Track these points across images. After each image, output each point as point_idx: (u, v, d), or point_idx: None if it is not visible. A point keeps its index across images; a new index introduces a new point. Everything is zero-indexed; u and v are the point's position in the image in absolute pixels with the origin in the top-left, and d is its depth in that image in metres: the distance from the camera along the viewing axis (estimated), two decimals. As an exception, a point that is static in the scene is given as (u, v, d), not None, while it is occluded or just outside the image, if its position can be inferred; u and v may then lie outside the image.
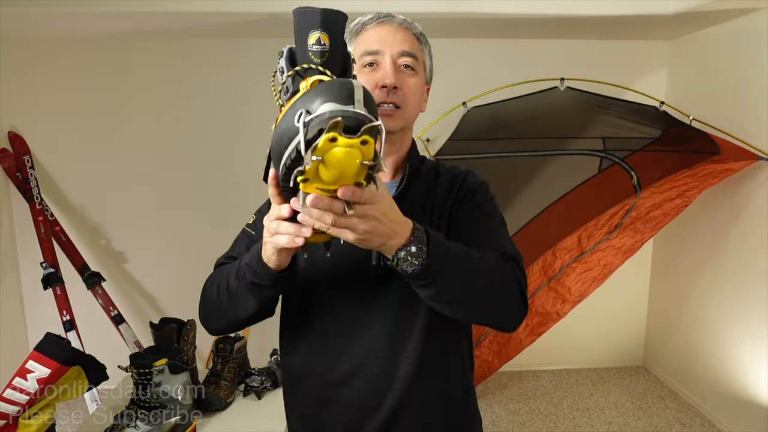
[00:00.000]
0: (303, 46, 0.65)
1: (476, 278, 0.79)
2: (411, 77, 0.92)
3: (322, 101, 0.56)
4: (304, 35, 0.64)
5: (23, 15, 2.25)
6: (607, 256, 2.58)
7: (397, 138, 0.94)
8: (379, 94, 0.89)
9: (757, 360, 2.41)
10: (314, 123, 0.54)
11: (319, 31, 0.63)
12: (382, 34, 0.91)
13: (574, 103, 2.59)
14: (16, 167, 2.75)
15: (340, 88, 0.56)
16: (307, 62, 0.64)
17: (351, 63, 0.70)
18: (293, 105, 0.58)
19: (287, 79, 0.66)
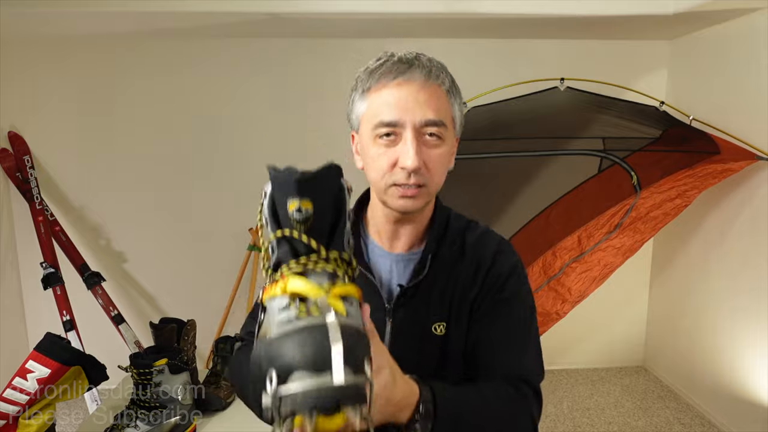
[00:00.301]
0: (283, 206, 0.57)
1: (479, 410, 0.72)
2: (436, 148, 0.78)
3: (294, 366, 0.46)
4: (282, 199, 0.57)
5: (23, 15, 2.25)
6: (607, 256, 2.58)
7: (417, 213, 0.83)
8: (399, 174, 0.76)
9: (757, 360, 2.41)
10: (286, 403, 0.46)
11: (297, 199, 0.55)
12: (401, 98, 0.75)
13: (574, 103, 2.59)
14: (16, 167, 2.75)
15: (314, 351, 0.46)
16: (289, 227, 0.57)
17: (345, 198, 0.61)
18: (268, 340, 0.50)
19: (272, 241, 0.58)
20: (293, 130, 2.99)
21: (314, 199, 0.56)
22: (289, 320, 0.50)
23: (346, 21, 2.50)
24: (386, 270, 0.86)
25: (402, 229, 0.86)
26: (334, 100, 2.96)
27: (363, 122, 0.80)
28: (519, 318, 0.83)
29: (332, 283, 0.54)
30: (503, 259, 0.84)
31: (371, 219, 0.89)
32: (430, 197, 0.82)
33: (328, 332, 0.47)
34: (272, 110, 2.97)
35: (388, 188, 0.78)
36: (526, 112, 2.61)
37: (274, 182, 0.59)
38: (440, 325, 0.82)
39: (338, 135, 2.99)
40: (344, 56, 2.88)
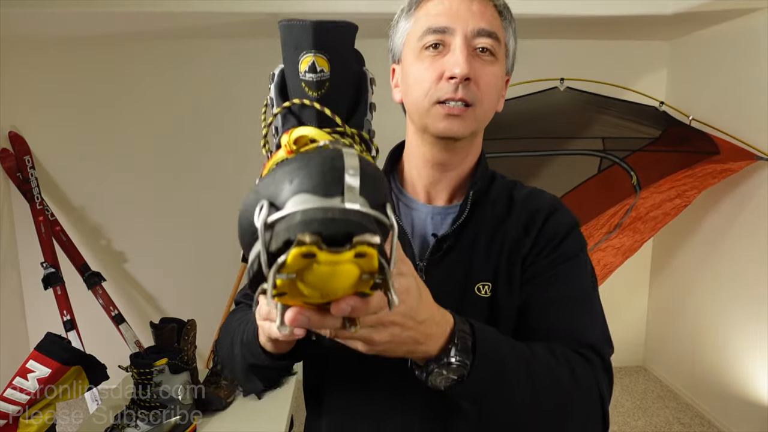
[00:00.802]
0: (294, 72, 0.47)
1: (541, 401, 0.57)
2: (489, 65, 0.68)
3: (293, 190, 0.36)
4: (294, 58, 0.47)
5: (23, 15, 2.26)
6: (607, 256, 2.59)
7: (462, 147, 0.72)
8: (445, 87, 0.66)
9: (757, 360, 2.41)
10: (279, 229, 0.35)
11: (312, 53, 0.46)
12: (452, 6, 0.67)
13: (574, 103, 2.59)
14: (16, 167, 2.75)
15: (322, 169, 0.36)
16: (299, 95, 0.47)
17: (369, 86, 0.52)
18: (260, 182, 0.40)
19: (276, 116, 0.50)
20: (293, 130, 2.99)
21: (332, 58, 0.47)
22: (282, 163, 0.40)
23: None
24: (421, 223, 0.74)
25: (442, 177, 0.74)
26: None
27: (408, 41, 0.71)
28: (579, 281, 0.72)
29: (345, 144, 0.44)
30: (559, 217, 0.72)
31: (407, 169, 0.77)
32: (478, 124, 0.70)
33: (342, 157, 0.37)
34: (272, 110, 2.97)
35: (432, 107, 0.68)
36: (526, 112, 2.61)
37: (287, 29, 0.49)
38: (485, 285, 0.69)
39: (338, 135, 3.01)
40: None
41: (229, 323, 0.77)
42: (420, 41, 0.68)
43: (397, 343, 0.49)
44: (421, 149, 0.74)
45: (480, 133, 0.75)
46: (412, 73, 0.70)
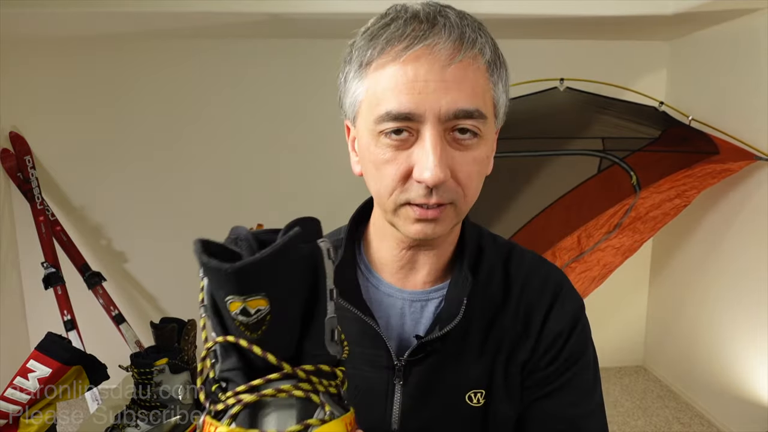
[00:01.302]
0: (225, 309, 0.38)
1: None
2: (471, 151, 0.54)
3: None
4: (221, 296, 0.38)
5: (23, 15, 2.26)
6: (607, 256, 2.59)
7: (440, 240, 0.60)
8: (415, 188, 0.53)
9: (756, 359, 2.42)
10: None
11: (240, 299, 0.37)
12: (417, 78, 0.50)
13: (574, 103, 2.60)
14: (17, 167, 2.76)
15: None
16: (234, 334, 0.39)
17: (325, 270, 0.41)
18: None
19: (211, 349, 0.43)
20: (294, 131, 2.99)
21: (270, 293, 0.37)
22: None
23: (345, 21, 2.51)
24: (396, 313, 0.62)
25: (419, 259, 0.62)
26: (334, 99, 2.97)
27: (361, 111, 0.56)
28: (583, 386, 0.65)
29: (305, 425, 0.37)
30: (565, 305, 0.63)
31: (374, 243, 0.64)
32: (458, 219, 0.57)
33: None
34: (272, 111, 2.97)
35: (399, 208, 0.55)
36: (525, 112, 2.61)
37: (206, 271, 0.40)
38: (478, 393, 0.59)
39: (338, 136, 3.00)
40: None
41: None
42: (377, 125, 0.52)
43: None
44: (392, 230, 0.60)
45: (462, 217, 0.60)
46: (370, 161, 0.55)
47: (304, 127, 3.01)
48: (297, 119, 2.98)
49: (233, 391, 0.38)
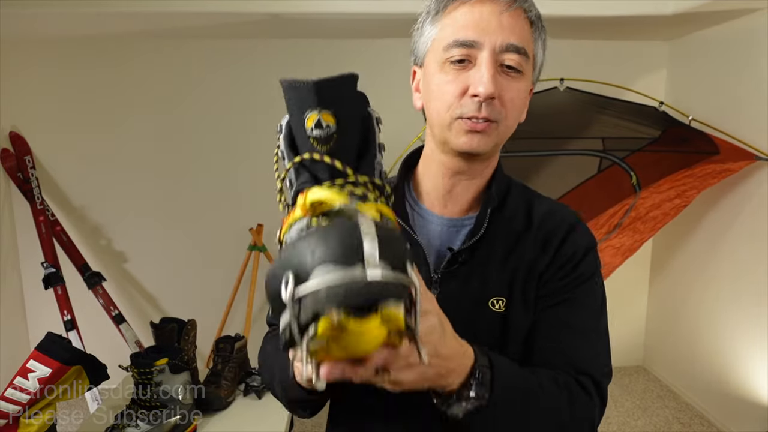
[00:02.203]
0: (300, 128, 0.48)
1: (541, 428, 0.62)
2: (515, 81, 0.66)
3: (315, 262, 0.38)
4: (300, 115, 0.48)
5: (23, 15, 2.26)
6: (607, 256, 2.59)
7: (482, 159, 0.71)
8: (469, 104, 0.65)
9: (756, 360, 2.42)
10: (307, 303, 0.37)
11: (317, 110, 0.46)
12: (482, 17, 0.64)
13: (574, 103, 2.59)
14: (17, 167, 2.76)
15: (341, 242, 0.38)
16: (308, 150, 0.48)
17: (375, 128, 0.52)
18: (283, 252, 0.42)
19: (289, 170, 0.52)
20: (293, 130, 2.99)
21: (337, 112, 0.47)
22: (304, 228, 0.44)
23: (346, 21, 2.51)
24: (435, 235, 0.74)
25: (458, 186, 0.73)
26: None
27: (432, 49, 0.68)
28: (590, 305, 0.72)
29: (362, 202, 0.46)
30: (579, 235, 0.73)
31: (422, 178, 0.77)
32: (500, 139, 0.69)
33: (358, 226, 0.39)
34: (272, 111, 2.97)
35: (453, 122, 0.66)
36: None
37: (290, 92, 0.49)
38: (500, 300, 0.69)
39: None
40: (344, 56, 2.88)
41: (266, 352, 0.79)
42: (446, 53, 0.66)
43: (422, 380, 0.50)
44: (440, 157, 0.73)
45: (503, 142, 0.73)
46: (434, 84, 0.68)
47: (304, 127, 3.01)
48: (297, 119, 2.98)
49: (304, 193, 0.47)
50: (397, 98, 2.90)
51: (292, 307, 0.37)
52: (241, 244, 2.92)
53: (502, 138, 0.70)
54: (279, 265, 0.40)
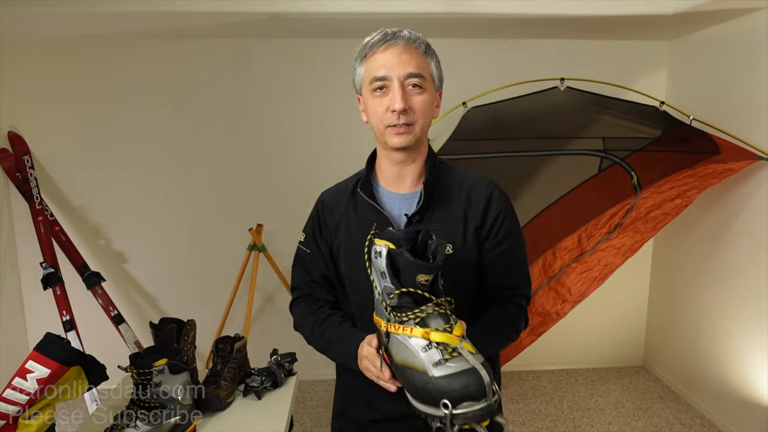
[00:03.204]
0: (411, 274, 0.78)
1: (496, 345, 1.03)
2: (419, 95, 0.99)
3: (462, 397, 0.70)
4: (410, 271, 0.78)
5: (23, 15, 2.25)
6: (608, 256, 2.58)
7: (412, 150, 1.04)
8: (390, 117, 0.98)
9: (757, 360, 2.41)
10: (459, 417, 0.70)
11: (426, 274, 0.77)
12: (388, 59, 0.97)
13: (574, 103, 2.59)
14: (15, 167, 2.75)
15: (479, 385, 0.71)
16: (413, 287, 0.78)
17: (440, 264, 0.80)
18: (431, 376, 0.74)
19: (392, 292, 0.79)
20: (293, 131, 2.99)
21: (431, 273, 0.79)
22: (440, 362, 0.73)
23: (346, 21, 2.50)
24: (396, 207, 1.07)
25: (404, 171, 1.06)
26: (334, 99, 2.97)
27: (363, 83, 1.02)
28: (516, 246, 1.08)
29: (448, 325, 0.77)
30: (498, 200, 1.07)
31: (380, 169, 1.10)
32: (418, 135, 1.01)
33: (480, 374, 0.71)
34: (272, 110, 2.97)
35: (385, 129, 1.00)
36: (526, 112, 2.61)
37: (406, 257, 0.78)
38: (447, 245, 0.97)
39: (338, 135, 3.00)
40: (344, 56, 2.87)
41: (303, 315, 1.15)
42: (371, 85, 0.99)
43: None
44: (386, 153, 1.06)
45: (424, 140, 1.05)
46: (370, 106, 1.02)
47: (305, 127, 3.00)
48: (297, 118, 2.98)
49: (412, 311, 0.78)
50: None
51: (449, 419, 0.70)
52: (241, 244, 2.91)
53: (419, 133, 1.01)
54: (434, 390, 0.72)
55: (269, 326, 3.17)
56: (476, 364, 0.72)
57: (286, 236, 3.08)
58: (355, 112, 1.18)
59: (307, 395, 3.04)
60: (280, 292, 3.09)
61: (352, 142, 2.85)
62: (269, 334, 3.12)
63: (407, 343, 0.76)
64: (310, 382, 3.16)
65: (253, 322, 3.02)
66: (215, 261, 3.06)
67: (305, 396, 3.03)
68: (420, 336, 0.75)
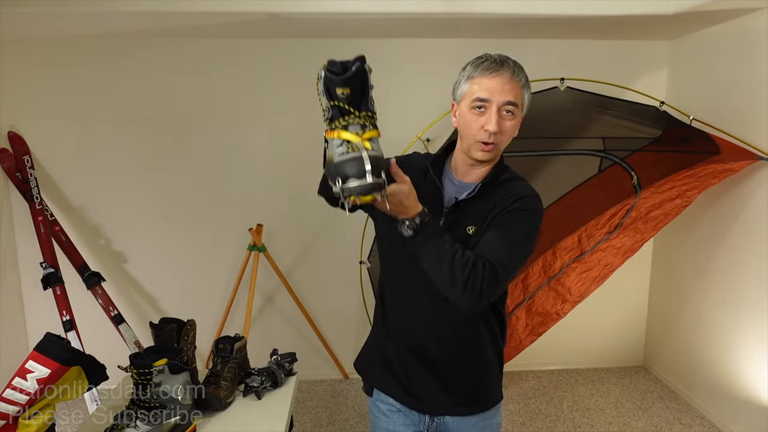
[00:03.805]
0: (334, 89, 0.96)
1: (441, 260, 1.07)
2: (510, 120, 1.15)
3: (349, 175, 0.93)
4: (333, 85, 0.95)
5: (23, 15, 2.25)
6: (608, 256, 2.58)
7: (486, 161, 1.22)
8: (483, 134, 1.14)
9: (757, 360, 2.41)
10: (346, 191, 0.93)
11: (342, 87, 0.95)
12: (493, 86, 1.13)
13: (574, 103, 2.59)
14: (15, 167, 2.75)
15: (359, 168, 0.93)
16: (337, 100, 0.96)
17: (369, 79, 0.98)
18: (335, 162, 0.96)
19: (329, 107, 0.98)
20: (293, 131, 2.98)
21: (351, 86, 0.95)
22: (343, 153, 0.95)
23: (346, 21, 2.50)
24: (453, 190, 1.24)
25: (472, 170, 1.23)
26: (334, 100, 2.97)
27: (465, 97, 1.18)
28: (514, 224, 1.15)
29: (363, 131, 0.96)
30: (522, 189, 1.20)
31: (455, 158, 1.26)
32: (498, 152, 1.20)
33: (363, 160, 0.92)
34: (272, 110, 2.97)
35: (474, 143, 1.16)
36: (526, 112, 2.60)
37: (328, 76, 0.95)
38: (471, 228, 1.17)
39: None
40: (344, 57, 2.87)
41: None
42: (473, 102, 1.15)
43: (397, 210, 1.04)
44: (464, 156, 1.23)
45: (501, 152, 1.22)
46: (466, 119, 1.17)
47: (305, 127, 3.00)
48: (298, 119, 2.97)
49: (337, 120, 0.97)
50: (397, 97, 2.90)
51: (342, 191, 0.94)
52: (241, 244, 2.91)
53: (500, 151, 1.20)
54: (333, 171, 0.96)
55: (269, 326, 3.17)
56: (364, 155, 0.92)
57: (286, 236, 3.09)
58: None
59: (307, 395, 3.04)
60: (280, 292, 3.09)
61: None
62: (269, 334, 3.12)
63: (332, 144, 0.98)
64: (310, 382, 3.16)
65: (253, 322, 3.02)
66: (215, 261, 3.06)
67: (305, 396, 3.03)
68: (336, 137, 0.97)
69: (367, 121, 0.99)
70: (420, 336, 1.25)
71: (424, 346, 1.25)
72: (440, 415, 1.28)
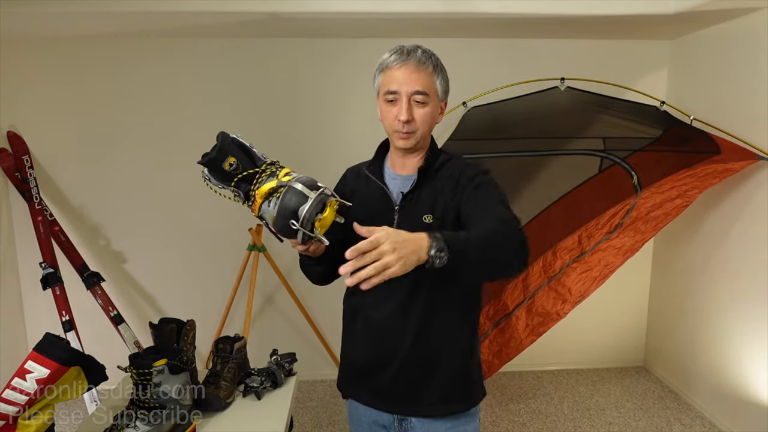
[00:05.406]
0: (223, 171, 1.01)
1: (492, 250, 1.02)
2: (421, 108, 1.18)
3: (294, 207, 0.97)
4: (217, 166, 1.01)
5: (23, 15, 2.25)
6: (608, 256, 2.58)
7: (412, 149, 1.25)
8: (397, 124, 1.18)
9: (757, 360, 2.41)
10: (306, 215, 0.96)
11: (224, 160, 1.00)
12: (400, 76, 1.16)
13: (575, 103, 2.59)
14: (15, 167, 2.75)
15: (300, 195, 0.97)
16: (233, 177, 1.02)
17: (242, 142, 1.06)
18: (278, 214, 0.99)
19: (234, 191, 1.04)
20: (293, 130, 2.98)
21: (231, 154, 1.01)
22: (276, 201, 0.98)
23: (346, 21, 2.50)
24: (397, 186, 1.26)
25: (406, 160, 1.26)
26: (333, 99, 2.97)
27: (380, 90, 1.21)
28: (491, 191, 1.19)
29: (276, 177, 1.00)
30: (470, 168, 1.24)
31: (391, 156, 1.31)
32: (418, 140, 1.21)
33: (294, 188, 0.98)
34: (272, 110, 2.97)
35: (393, 133, 1.21)
36: (526, 112, 2.61)
37: (208, 166, 1.01)
38: (427, 216, 1.19)
39: (337, 133, 3.00)
40: (344, 56, 2.88)
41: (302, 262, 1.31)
42: (385, 95, 1.19)
43: (403, 266, 0.88)
44: (393, 147, 1.27)
45: (425, 139, 1.24)
46: (382, 111, 1.22)
47: (305, 126, 3.00)
48: (297, 118, 2.97)
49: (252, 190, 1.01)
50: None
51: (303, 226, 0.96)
52: (241, 244, 2.91)
53: (419, 138, 1.21)
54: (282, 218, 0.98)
55: (269, 326, 3.17)
56: (292, 183, 0.96)
57: (286, 236, 3.08)
58: (352, 113, 1.40)
59: (307, 395, 3.04)
60: (280, 292, 3.09)
61: (350, 141, 2.86)
62: (269, 334, 3.12)
63: (265, 210, 0.99)
64: (310, 382, 3.16)
65: (253, 322, 3.01)
66: (215, 261, 3.06)
67: (305, 396, 3.03)
68: (261, 201, 0.99)
69: (273, 168, 1.02)
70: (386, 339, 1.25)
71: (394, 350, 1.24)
72: (407, 416, 1.27)
